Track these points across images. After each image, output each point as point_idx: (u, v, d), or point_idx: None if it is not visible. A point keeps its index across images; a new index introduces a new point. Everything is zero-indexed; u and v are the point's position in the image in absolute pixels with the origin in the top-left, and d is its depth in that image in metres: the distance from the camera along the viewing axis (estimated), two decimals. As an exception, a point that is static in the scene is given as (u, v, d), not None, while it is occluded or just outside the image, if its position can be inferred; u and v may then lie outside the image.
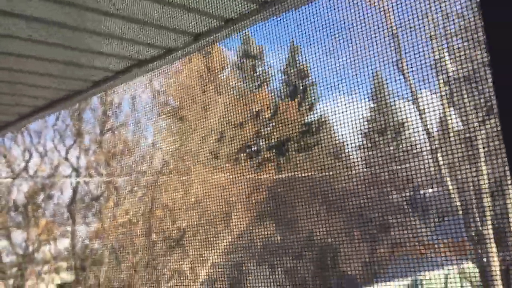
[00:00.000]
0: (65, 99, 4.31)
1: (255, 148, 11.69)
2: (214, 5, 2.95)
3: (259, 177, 9.73)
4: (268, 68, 12.95)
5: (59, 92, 4.18)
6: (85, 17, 2.94)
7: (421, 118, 7.63)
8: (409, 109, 9.02)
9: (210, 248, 8.27)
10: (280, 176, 9.98)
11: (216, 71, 10.52)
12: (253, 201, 9.03)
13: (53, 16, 2.88)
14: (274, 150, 11.57)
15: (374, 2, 6.46)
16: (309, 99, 12.45)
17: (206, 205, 8.27)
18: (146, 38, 3.30)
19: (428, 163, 8.40)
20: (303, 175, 8.92)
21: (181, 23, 3.15)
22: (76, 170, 10.25)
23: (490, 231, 7.01)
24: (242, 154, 10.56)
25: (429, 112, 8.20)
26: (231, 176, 9.08)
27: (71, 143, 10.25)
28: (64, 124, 10.25)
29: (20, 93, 4.12)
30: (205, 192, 8.42)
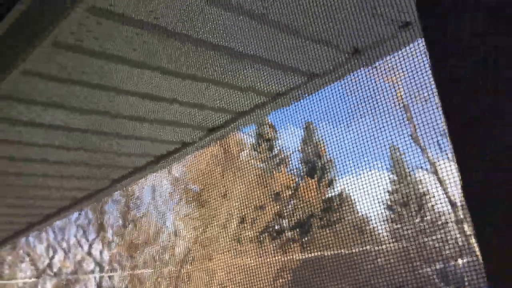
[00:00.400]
0: (87, 198, 4.39)
1: (278, 228, 11.57)
2: (226, 101, 3.05)
3: (284, 259, 9.55)
4: (285, 148, 13.09)
5: (81, 192, 4.27)
6: (103, 121, 3.06)
7: (442, 188, 7.55)
8: (429, 179, 8.94)
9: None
10: (305, 256, 9.79)
11: (234, 154, 10.66)
12: (279, 285, 8.81)
13: (71, 122, 3.00)
14: (297, 230, 11.43)
15: (386, 78, 6.61)
16: (328, 175, 12.45)
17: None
18: (161, 135, 3.40)
19: (454, 233, 8.18)
20: (329, 253, 8.75)
21: (195, 119, 3.25)
22: (99, 264, 10.20)
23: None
24: (264, 236, 10.44)
25: (450, 181, 8.12)
26: (255, 260, 8.93)
27: (94, 237, 10.28)
28: (86, 219, 10.34)
29: (43, 196, 4.21)
30: (229, 278, 8.27)
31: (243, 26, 2.29)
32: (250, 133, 12.05)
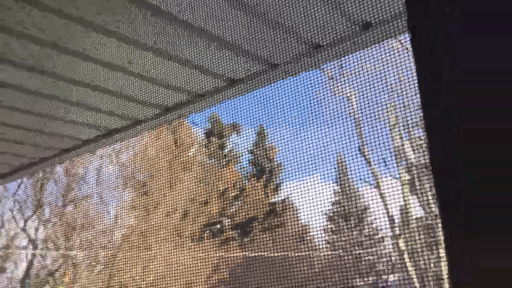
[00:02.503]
0: (30, 166, 4.27)
1: (220, 226, 11.57)
2: (184, 80, 3.06)
3: (222, 257, 9.57)
4: (235, 147, 13.12)
5: (23, 159, 4.15)
6: (57, 85, 3.00)
7: (383, 204, 7.76)
8: (372, 194, 9.18)
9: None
10: (242, 255, 9.84)
11: (184, 147, 10.60)
12: (215, 281, 8.81)
13: (23, 82, 2.93)
14: (238, 230, 11.46)
15: (339, 89, 6.76)
16: (275, 179, 12.56)
17: (165, 284, 8.02)
18: (115, 108, 3.37)
19: (389, 249, 8.42)
20: (266, 255, 8.83)
21: (152, 96, 3.24)
22: (33, 242, 9.89)
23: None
24: (205, 232, 10.42)
25: (391, 198, 8.37)
26: (193, 254, 8.90)
27: (30, 214, 9.97)
28: (25, 194, 10.02)
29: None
30: (166, 270, 8.19)
31: (213, 6, 2.31)
32: (203, 128, 12.03)
